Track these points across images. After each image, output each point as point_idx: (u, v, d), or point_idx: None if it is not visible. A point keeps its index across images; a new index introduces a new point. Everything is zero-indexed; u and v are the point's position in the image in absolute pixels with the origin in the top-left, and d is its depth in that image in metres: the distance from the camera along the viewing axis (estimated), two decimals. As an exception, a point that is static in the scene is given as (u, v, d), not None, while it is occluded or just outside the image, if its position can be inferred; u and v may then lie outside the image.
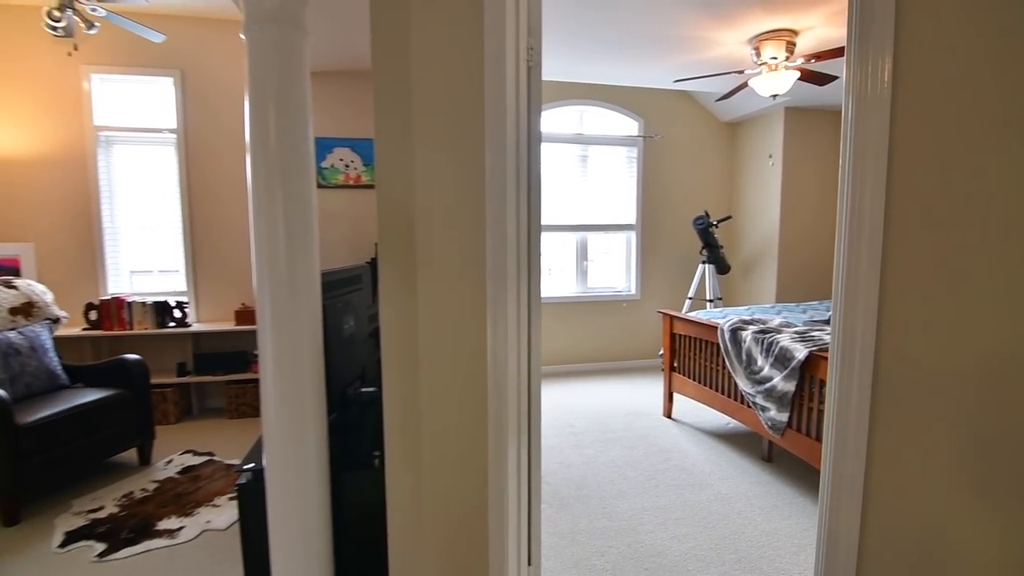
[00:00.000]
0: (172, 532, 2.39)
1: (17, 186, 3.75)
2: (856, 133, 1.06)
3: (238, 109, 3.98)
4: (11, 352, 2.78)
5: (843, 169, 1.07)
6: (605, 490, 2.80)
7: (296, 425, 1.64)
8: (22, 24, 3.63)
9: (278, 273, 1.58)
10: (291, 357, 1.62)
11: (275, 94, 1.55)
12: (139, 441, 3.05)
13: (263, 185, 1.56)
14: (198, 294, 4.05)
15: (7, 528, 2.45)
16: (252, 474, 1.88)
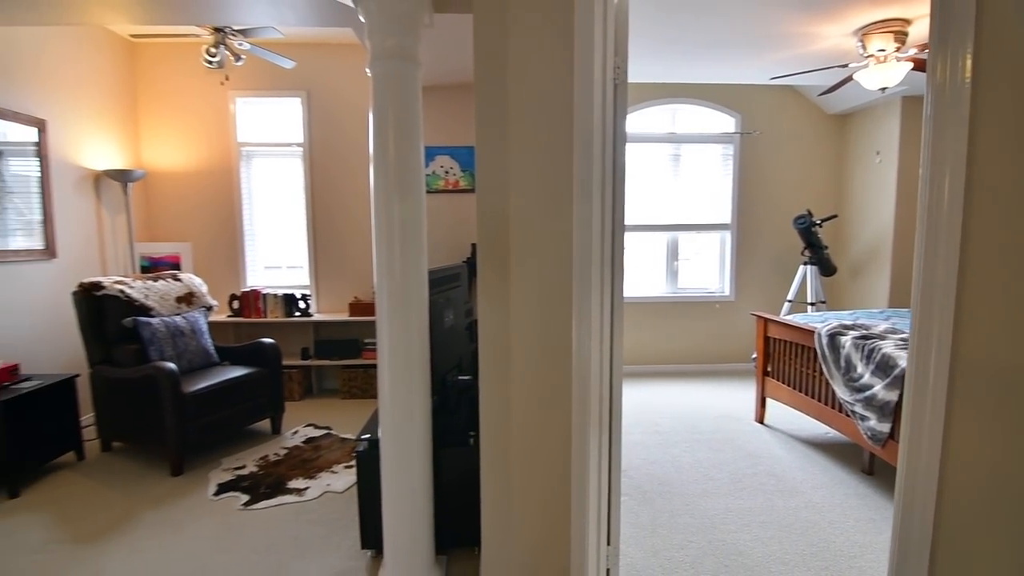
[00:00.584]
0: (300, 491, 2.79)
1: (179, 195, 4.47)
2: (934, 129, 1.08)
3: (355, 124, 4.44)
4: (178, 333, 3.37)
5: (922, 167, 1.09)
6: (689, 488, 2.84)
7: (406, 404, 1.90)
8: (185, 60, 4.33)
9: (394, 271, 1.84)
10: (403, 345, 1.87)
11: (394, 118, 1.81)
12: (272, 413, 3.55)
13: (383, 195, 1.83)
14: (319, 288, 4.58)
15: (173, 477, 3.00)
16: (368, 444, 2.17)
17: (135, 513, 2.61)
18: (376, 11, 1.75)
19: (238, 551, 2.30)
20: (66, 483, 2.93)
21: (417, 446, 1.94)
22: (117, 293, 3.23)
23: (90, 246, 3.84)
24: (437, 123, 4.16)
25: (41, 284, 3.41)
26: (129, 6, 2.75)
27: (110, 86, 4.07)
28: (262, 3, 2.67)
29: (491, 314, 1.92)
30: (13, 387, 2.88)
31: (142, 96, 4.37)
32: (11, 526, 2.50)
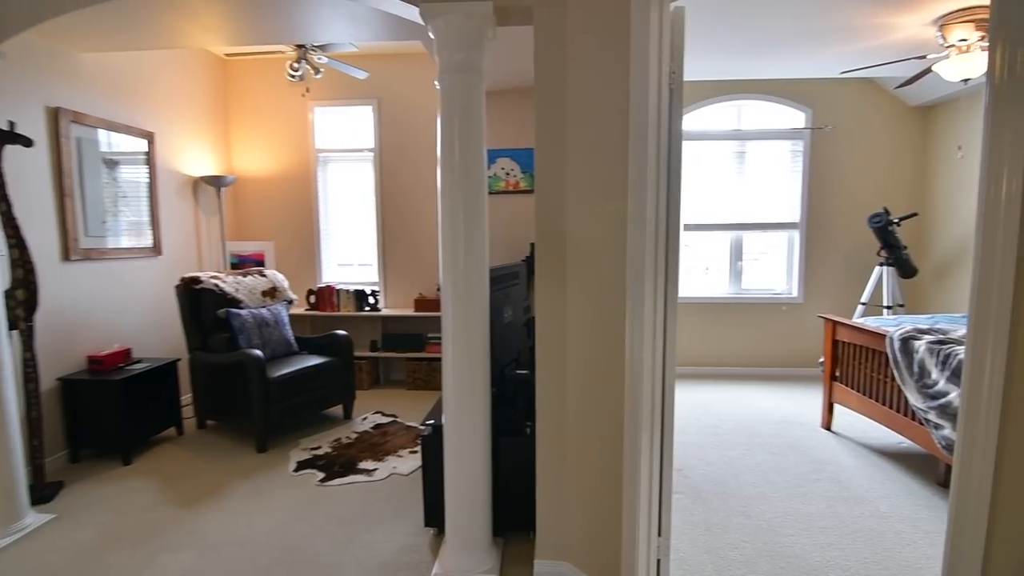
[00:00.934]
0: (369, 472, 3.01)
1: (263, 198, 4.88)
2: (992, 122, 1.08)
3: (421, 128, 4.66)
4: (264, 324, 3.70)
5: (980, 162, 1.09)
6: (746, 491, 2.82)
7: (468, 394, 2.04)
8: (270, 75, 4.71)
9: (458, 270, 1.98)
10: (465, 339, 2.01)
11: (460, 127, 1.95)
12: (344, 400, 3.82)
13: (449, 199, 1.98)
14: (387, 284, 4.85)
15: (259, 453, 3.31)
16: (432, 429, 2.33)
17: (227, 483, 2.92)
18: (444, 28, 1.90)
19: (316, 521, 2.53)
20: (168, 454, 3.31)
21: (477, 434, 2.07)
22: (212, 287, 3.60)
23: (188, 244, 4.27)
24: (499, 126, 4.30)
25: (149, 278, 3.85)
26: (225, 29, 3.07)
27: (206, 100, 4.51)
28: (341, 22, 2.90)
29: (548, 311, 2.02)
30: (127, 368, 3.29)
31: (233, 108, 4.80)
32: (126, 488, 2.87)
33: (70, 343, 3.22)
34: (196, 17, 2.86)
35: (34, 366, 2.73)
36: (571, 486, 2.09)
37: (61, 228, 3.16)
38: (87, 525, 2.51)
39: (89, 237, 3.34)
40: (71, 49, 3.23)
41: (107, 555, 2.28)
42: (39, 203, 3.04)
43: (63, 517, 2.58)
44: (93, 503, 2.71)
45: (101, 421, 3.11)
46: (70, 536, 2.42)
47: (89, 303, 3.35)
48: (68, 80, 3.22)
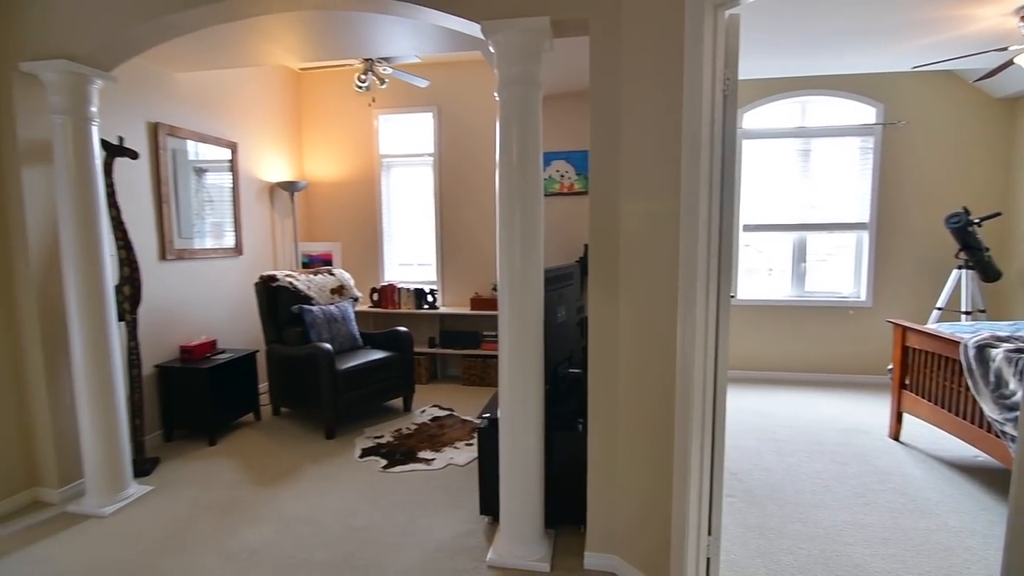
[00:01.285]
0: (428, 461, 3.18)
1: (332, 201, 5.18)
2: None
3: (479, 133, 4.82)
4: (332, 320, 3.96)
5: None
6: (804, 498, 2.76)
7: (522, 389, 2.14)
8: (339, 86, 5.01)
9: (514, 271, 2.09)
10: (521, 337, 2.11)
11: (518, 136, 2.05)
12: (404, 392, 4.03)
13: (506, 203, 2.09)
14: (444, 283, 5.04)
15: (327, 440, 3.55)
16: (488, 423, 2.45)
17: (299, 466, 3.16)
18: (504, 43, 2.01)
19: (379, 504, 2.71)
20: (247, 437, 3.61)
21: (531, 429, 2.17)
22: (287, 284, 3.89)
23: (265, 245, 4.62)
24: (554, 129, 4.38)
25: (231, 276, 4.20)
26: (301, 48, 3.32)
27: (282, 111, 4.85)
28: (406, 36, 3.07)
29: (600, 310, 2.09)
30: (213, 357, 3.62)
31: (305, 117, 5.14)
32: (212, 466, 3.17)
33: (165, 334, 3.58)
34: (276, 38, 3.11)
35: (137, 354, 3.07)
36: (621, 481, 2.15)
37: (159, 231, 3.52)
38: (180, 497, 2.80)
39: (181, 239, 3.70)
40: (167, 70, 3.59)
41: (198, 524, 2.55)
42: (141, 208, 3.40)
43: (160, 489, 2.89)
44: (185, 478, 3.02)
45: (191, 405, 3.45)
46: (166, 506, 2.72)
47: (181, 298, 3.71)
48: (165, 97, 3.58)
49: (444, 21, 2.17)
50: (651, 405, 2.02)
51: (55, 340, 2.72)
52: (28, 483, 2.75)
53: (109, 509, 2.64)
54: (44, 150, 2.66)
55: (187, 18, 2.36)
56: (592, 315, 2.12)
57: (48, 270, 2.68)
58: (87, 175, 2.53)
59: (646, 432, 2.05)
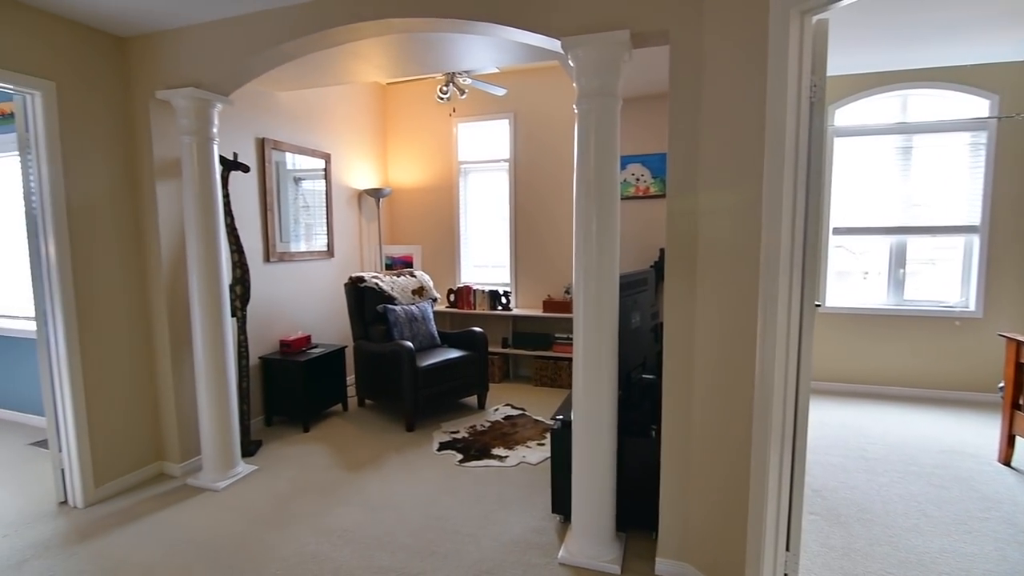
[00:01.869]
0: (501, 458, 3.30)
1: (414, 206, 5.46)
2: None
3: (554, 139, 4.90)
4: (413, 319, 4.19)
5: None
6: (895, 521, 2.61)
7: (596, 394, 2.19)
8: (421, 97, 5.27)
9: (590, 276, 2.15)
10: (596, 341, 2.17)
11: (596, 147, 2.11)
12: (479, 391, 4.18)
13: (584, 211, 2.15)
14: (517, 285, 5.16)
15: (407, 432, 3.77)
16: (561, 424, 2.52)
17: (383, 455, 3.39)
18: (583, 57, 2.07)
19: (456, 496, 2.86)
20: (336, 426, 3.91)
21: (604, 432, 2.22)
22: (373, 285, 4.17)
23: (353, 247, 4.96)
24: (630, 132, 4.37)
25: (324, 277, 4.55)
26: (391, 66, 3.55)
27: (370, 122, 5.18)
28: (487, 51, 3.21)
29: (677, 315, 2.11)
30: (308, 351, 3.94)
31: (390, 128, 5.45)
32: (307, 451, 3.47)
33: (268, 329, 3.96)
34: (368, 58, 3.35)
35: (246, 346, 3.42)
36: (695, 490, 2.15)
37: (264, 235, 3.90)
38: (281, 477, 3.10)
39: (282, 243, 4.07)
40: (272, 90, 3.96)
41: (297, 502, 2.81)
42: (249, 215, 3.78)
43: (263, 469, 3.21)
44: (284, 460, 3.33)
45: (288, 394, 3.79)
46: (269, 484, 3.02)
47: (281, 297, 4.08)
48: (270, 115, 3.95)
49: (525, 38, 2.26)
50: (728, 413, 2.01)
51: (179, 333, 3.10)
52: (155, 457, 3.15)
53: (222, 484, 2.98)
54: (173, 167, 3.04)
55: (295, 47, 2.62)
56: (668, 319, 2.13)
57: (174, 272, 3.06)
58: (209, 187, 2.87)
59: (722, 441, 2.03)
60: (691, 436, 2.14)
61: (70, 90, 2.68)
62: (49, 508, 2.77)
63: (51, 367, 2.73)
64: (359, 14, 2.36)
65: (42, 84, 2.56)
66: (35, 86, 2.54)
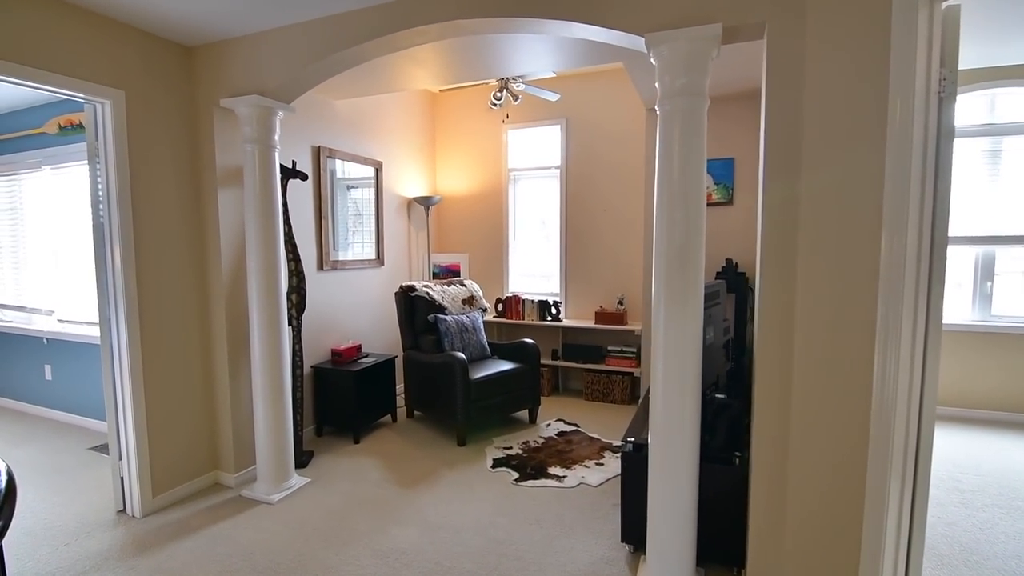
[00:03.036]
0: (559, 478, 3.14)
1: (462, 214, 5.39)
2: None
3: (607, 145, 4.75)
4: (464, 329, 4.09)
5: None
6: (1007, 564, 2.33)
7: (678, 417, 2.02)
8: (470, 104, 5.21)
9: (672, 287, 1.98)
10: (678, 359, 2.00)
11: (680, 150, 1.96)
12: (531, 404, 4.04)
13: (666, 217, 1.99)
14: (567, 295, 5.01)
15: (459, 447, 3.65)
16: (633, 447, 2.36)
17: (436, 471, 3.28)
18: (668, 54, 1.93)
19: (515, 517, 2.72)
20: (386, 438, 3.83)
21: (686, 459, 2.04)
22: (424, 294, 4.09)
23: (402, 256, 4.91)
24: (689, 138, 4.18)
25: (373, 285, 4.51)
26: (444, 72, 3.48)
27: (420, 130, 5.14)
28: (546, 53, 3.10)
29: (771, 332, 1.92)
30: (359, 361, 3.89)
31: (439, 136, 5.41)
32: (358, 464, 3.39)
33: (320, 337, 3.92)
34: (424, 63, 3.29)
35: (300, 355, 3.38)
36: (791, 526, 1.95)
37: (318, 244, 3.88)
38: (334, 492, 3.03)
39: (336, 251, 4.04)
40: (328, 98, 3.95)
41: (352, 519, 2.73)
42: (305, 224, 3.77)
43: (316, 482, 3.15)
44: (336, 472, 3.26)
45: (340, 404, 3.73)
46: (323, 499, 2.94)
47: (333, 305, 4.05)
48: (326, 123, 3.94)
49: (600, 36, 2.14)
50: (833, 441, 1.81)
51: (237, 342, 3.07)
52: (211, 467, 3.13)
53: (276, 497, 2.92)
54: (234, 175, 3.03)
55: (355, 53, 2.57)
56: (760, 335, 1.95)
57: (234, 280, 3.04)
58: (270, 195, 2.84)
59: (825, 472, 1.83)
60: (787, 465, 1.94)
61: (138, 99, 2.70)
62: (108, 517, 2.77)
63: (114, 374, 2.74)
64: (432, 16, 2.28)
65: (112, 93, 2.58)
66: (105, 95, 2.56)
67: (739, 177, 4.07)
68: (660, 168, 2.00)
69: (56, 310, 4.30)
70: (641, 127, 4.59)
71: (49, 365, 4.28)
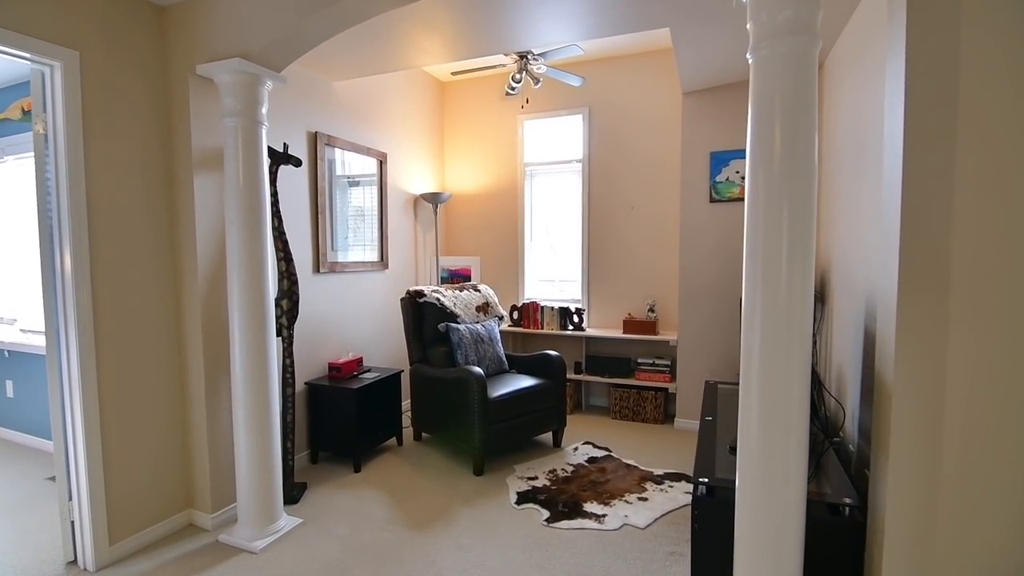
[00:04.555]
0: (598, 517, 2.65)
1: (472, 213, 4.93)
2: None
3: (634, 136, 4.30)
4: (479, 340, 3.61)
5: None
6: None
7: (781, 457, 1.54)
8: (482, 93, 4.76)
9: (775, 288, 1.51)
10: (781, 381, 1.52)
11: (782, 106, 1.49)
12: (555, 426, 3.55)
13: (762, 196, 1.52)
14: (590, 302, 4.54)
15: (476, 476, 3.16)
16: (707, 489, 1.87)
17: (450, 508, 2.79)
18: (766, -22, 1.47)
19: (553, 571, 2.22)
20: (392, 465, 3.33)
21: (790, 513, 1.56)
22: (434, 300, 3.62)
23: (408, 259, 4.44)
24: (731, 124, 3.73)
25: (376, 290, 4.03)
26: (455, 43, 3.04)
27: (427, 121, 4.70)
28: (579, 17, 2.65)
29: (912, 358, 1.44)
30: (360, 376, 3.40)
31: (448, 128, 4.96)
32: (359, 498, 2.90)
33: (315, 349, 3.44)
34: (436, 29, 2.85)
35: (292, 372, 2.90)
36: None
37: (314, 243, 3.41)
38: (331, 536, 2.53)
39: (334, 251, 3.57)
40: (327, 78, 3.50)
41: (352, 574, 2.23)
42: (298, 219, 3.30)
43: (309, 523, 2.65)
44: (332, 511, 2.77)
45: (338, 426, 3.25)
46: (316, 545, 2.45)
47: (331, 312, 3.57)
48: (323, 107, 3.48)
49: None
50: (998, 504, 1.33)
51: (216, 356, 2.60)
52: (184, 505, 2.64)
53: (260, 544, 2.43)
54: (214, 159, 2.57)
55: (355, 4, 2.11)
56: (901, 362, 1.47)
57: (212, 283, 2.57)
58: (255, 181, 2.38)
59: (993, 539, 1.35)
60: (935, 529, 1.45)
61: (96, 63, 2.24)
62: (54, 571, 2.27)
63: (62, 397, 2.25)
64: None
65: (63, 54, 2.12)
66: (55, 55, 2.10)
67: (789, 168, 3.61)
68: (753, 138, 1.54)
69: (19, 319, 3.82)
70: (675, 116, 4.14)
71: (11, 380, 3.80)
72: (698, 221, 3.83)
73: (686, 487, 2.97)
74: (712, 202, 3.78)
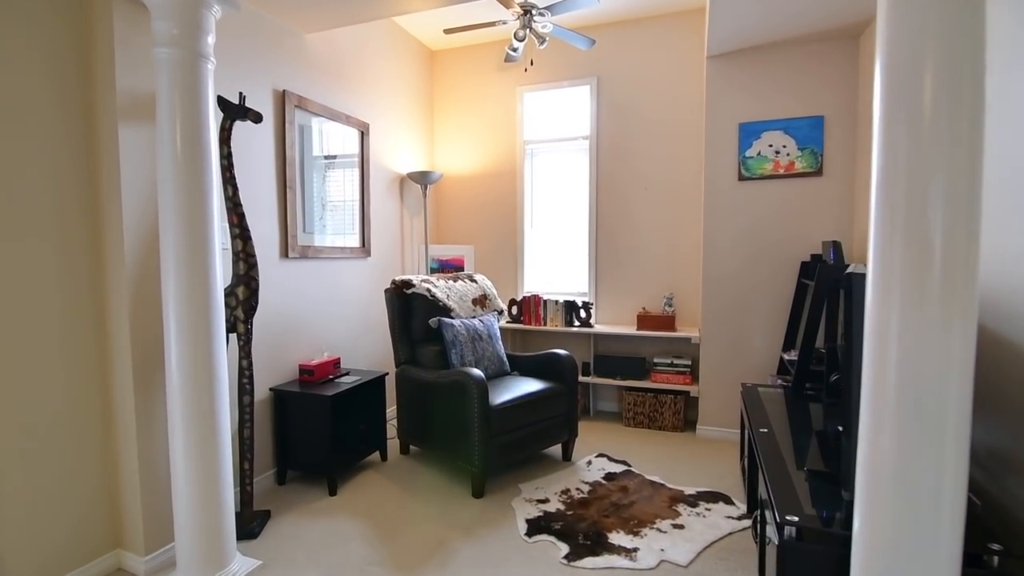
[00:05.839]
0: (628, 552, 2.16)
1: (464, 196, 4.42)
2: None
3: (648, 110, 3.84)
4: (476, 337, 3.10)
5: None
6: None
7: (928, 497, 1.07)
8: (476, 63, 4.26)
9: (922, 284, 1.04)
10: (933, 405, 1.06)
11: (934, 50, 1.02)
12: (565, 437, 3.06)
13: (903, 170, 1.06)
14: (599, 295, 4.06)
15: (475, 499, 2.66)
16: (796, 531, 1.40)
17: (447, 541, 2.28)
18: None
19: (582, 635, 1.73)
20: (374, 486, 2.82)
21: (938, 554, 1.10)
22: (425, 292, 3.11)
23: (393, 246, 3.92)
24: (760, 92, 3.29)
25: (357, 281, 3.50)
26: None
27: (415, 93, 4.18)
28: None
29: None
30: (337, 380, 2.88)
31: (438, 102, 4.44)
32: (335, 531, 2.38)
33: (282, 348, 2.91)
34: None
35: (250, 377, 2.37)
36: None
37: (282, 222, 2.88)
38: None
39: (306, 234, 3.04)
40: (298, 28, 2.97)
41: (322, 639, 1.72)
42: (262, 193, 2.76)
43: (269, 565, 2.13)
44: (301, 548, 2.24)
45: (310, 440, 2.72)
46: (279, 595, 1.93)
47: (302, 305, 3.04)
48: (294, 61, 2.95)
49: None
50: None
51: (148, 360, 2.06)
52: (113, 543, 2.09)
53: (205, 596, 1.90)
54: (148, 107, 2.04)
55: None
56: None
57: (144, 265, 2.04)
58: (197, 130, 1.84)
59: None
60: None
61: (-20, -29, 1.70)
62: (-76, 643, 1.72)
63: (-64, 412, 1.70)
64: None
65: (-74, -49, 1.58)
66: (-87, -48, 1.55)
67: (830, 141, 3.18)
68: (885, 73, 1.07)
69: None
70: (696, 85, 3.68)
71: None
72: (725, 202, 3.38)
73: (725, 510, 2.51)
74: (741, 180, 3.33)
